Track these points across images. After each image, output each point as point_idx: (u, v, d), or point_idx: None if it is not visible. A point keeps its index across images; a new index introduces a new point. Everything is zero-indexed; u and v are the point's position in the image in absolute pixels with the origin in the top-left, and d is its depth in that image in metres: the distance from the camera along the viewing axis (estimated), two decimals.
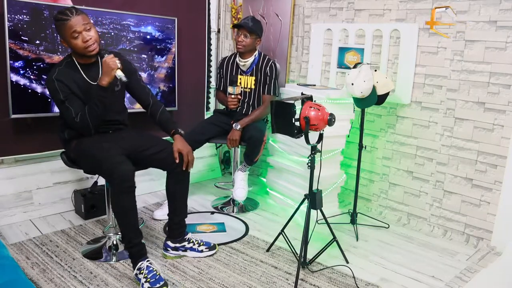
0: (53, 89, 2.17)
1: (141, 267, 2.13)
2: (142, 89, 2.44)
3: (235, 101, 3.09)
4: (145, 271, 2.11)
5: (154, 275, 2.09)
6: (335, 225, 2.83)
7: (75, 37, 2.12)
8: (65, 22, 2.10)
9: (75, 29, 2.10)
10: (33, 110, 2.69)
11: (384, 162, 3.19)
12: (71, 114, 2.17)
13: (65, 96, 2.17)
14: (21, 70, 2.59)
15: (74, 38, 2.12)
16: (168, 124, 2.41)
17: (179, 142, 2.32)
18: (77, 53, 2.20)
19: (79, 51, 2.17)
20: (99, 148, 2.19)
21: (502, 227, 2.64)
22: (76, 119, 2.17)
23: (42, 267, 2.27)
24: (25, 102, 2.64)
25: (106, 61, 2.13)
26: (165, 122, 2.41)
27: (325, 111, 2.18)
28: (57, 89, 2.15)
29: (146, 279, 2.08)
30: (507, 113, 2.58)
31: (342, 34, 3.27)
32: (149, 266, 2.13)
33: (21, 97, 2.62)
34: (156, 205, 3.19)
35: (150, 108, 2.43)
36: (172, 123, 2.41)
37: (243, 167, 3.15)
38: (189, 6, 3.49)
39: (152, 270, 2.12)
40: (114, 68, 2.12)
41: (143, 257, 2.18)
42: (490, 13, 2.57)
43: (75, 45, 2.14)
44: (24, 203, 2.86)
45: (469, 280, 2.33)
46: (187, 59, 3.51)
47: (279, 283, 2.23)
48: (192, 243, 2.45)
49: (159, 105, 2.44)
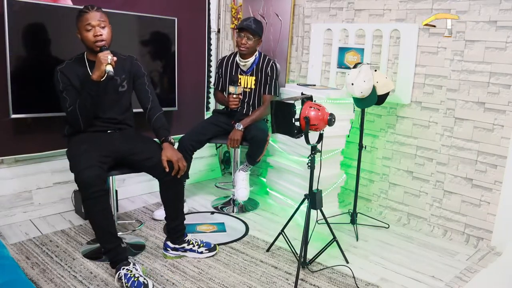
0: (55, 79, 2.27)
1: (120, 276, 2.10)
2: (144, 92, 2.45)
3: (236, 101, 3.07)
4: (124, 280, 2.08)
5: (133, 282, 2.05)
6: (335, 225, 2.83)
7: (88, 30, 2.22)
8: (83, 14, 2.22)
9: (90, 22, 2.21)
10: (33, 110, 2.69)
11: (384, 162, 3.19)
12: (66, 104, 2.26)
13: (63, 87, 2.25)
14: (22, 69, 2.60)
15: (87, 31, 2.22)
16: (160, 131, 2.37)
17: (168, 150, 2.27)
18: (88, 48, 2.28)
19: (89, 44, 2.24)
20: (77, 149, 2.22)
21: (502, 227, 2.64)
22: (68, 109, 2.25)
23: (42, 267, 2.27)
24: (25, 103, 2.65)
25: (98, 56, 2.18)
26: (157, 129, 2.39)
27: (325, 111, 2.18)
28: (58, 80, 2.26)
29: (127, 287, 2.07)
30: (507, 113, 2.58)
31: (342, 34, 3.27)
32: (127, 273, 2.10)
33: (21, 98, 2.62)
34: (156, 205, 3.19)
35: (148, 112, 2.44)
36: (163, 131, 2.37)
37: (245, 167, 3.14)
38: (189, 6, 3.49)
39: (130, 277, 2.07)
40: (104, 63, 2.16)
41: (120, 263, 2.15)
42: (490, 13, 2.57)
43: (86, 37, 2.23)
44: (24, 203, 2.86)
45: (469, 280, 2.33)
46: (187, 59, 3.50)
47: (279, 283, 2.23)
48: (192, 245, 2.44)
49: (157, 110, 2.44)
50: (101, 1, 2.90)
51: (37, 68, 2.64)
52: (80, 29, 2.24)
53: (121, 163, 2.35)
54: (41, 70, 2.66)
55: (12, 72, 2.55)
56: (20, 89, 2.59)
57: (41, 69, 2.65)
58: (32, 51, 2.62)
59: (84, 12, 2.23)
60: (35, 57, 2.64)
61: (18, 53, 2.57)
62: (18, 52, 2.56)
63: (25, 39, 2.58)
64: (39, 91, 2.66)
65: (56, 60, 2.66)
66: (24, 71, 2.61)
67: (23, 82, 2.61)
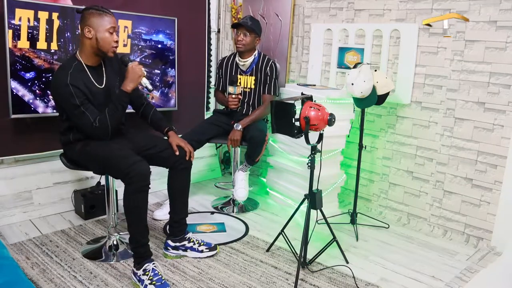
0: (68, 93, 2.10)
1: (147, 269, 2.12)
2: (135, 91, 2.44)
3: (235, 101, 3.08)
4: (150, 273, 2.10)
5: (159, 279, 2.09)
6: (335, 225, 2.83)
7: (111, 33, 2.15)
8: (106, 15, 2.14)
9: (114, 26, 2.16)
10: (33, 110, 2.68)
11: (384, 162, 3.19)
12: (88, 118, 2.14)
13: (80, 101, 2.12)
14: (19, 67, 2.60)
15: (110, 33, 2.15)
16: (162, 122, 2.47)
17: (175, 137, 2.41)
18: (98, 48, 2.16)
19: (104, 46, 2.15)
20: (110, 148, 2.20)
21: (502, 227, 2.64)
22: (95, 123, 2.14)
23: (42, 267, 2.27)
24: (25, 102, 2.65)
25: (133, 68, 2.17)
26: (158, 121, 2.47)
27: (325, 111, 2.18)
28: (73, 94, 2.10)
29: (151, 281, 2.07)
30: (507, 113, 2.58)
31: (342, 34, 3.27)
32: (155, 269, 2.13)
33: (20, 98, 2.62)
34: (156, 205, 3.19)
35: (142, 110, 2.48)
36: (165, 121, 2.48)
37: (244, 167, 3.15)
38: (189, 6, 3.49)
39: (158, 273, 2.11)
40: (142, 75, 2.18)
41: (149, 258, 2.18)
42: (490, 13, 2.57)
43: (105, 39, 2.14)
44: (24, 203, 2.86)
45: (469, 280, 2.33)
46: (187, 59, 3.50)
47: (279, 283, 2.23)
48: (193, 243, 2.45)
49: (151, 107, 2.51)
50: (102, 1, 2.90)
51: (37, 68, 2.64)
52: (98, 28, 2.12)
53: None
54: (41, 69, 2.66)
55: (12, 72, 2.55)
56: (19, 89, 2.59)
57: (41, 68, 2.65)
58: (32, 51, 2.62)
59: (106, 13, 2.15)
60: (35, 57, 2.63)
61: (18, 53, 2.57)
62: (18, 51, 2.56)
63: (25, 39, 2.58)
64: (39, 91, 2.66)
65: (56, 60, 2.66)
66: (24, 71, 2.60)
67: (23, 82, 2.61)
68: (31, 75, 2.64)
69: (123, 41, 3.04)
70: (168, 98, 3.35)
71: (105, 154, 2.18)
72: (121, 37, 3.01)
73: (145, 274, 2.10)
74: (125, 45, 3.06)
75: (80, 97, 2.12)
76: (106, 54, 2.19)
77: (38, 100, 2.69)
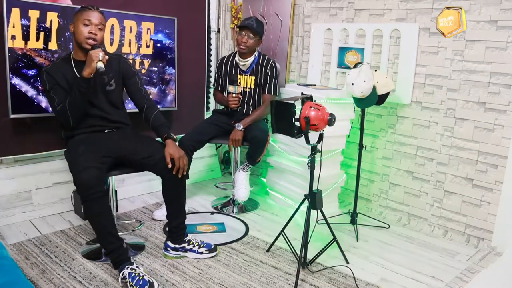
0: (42, 80, 2.29)
1: (124, 276, 2.10)
2: (138, 92, 2.45)
3: (236, 101, 3.07)
4: (128, 279, 2.08)
5: (138, 281, 2.05)
6: (335, 225, 2.83)
7: (85, 25, 2.22)
8: (86, 10, 2.24)
9: (90, 19, 2.22)
10: (33, 110, 2.68)
11: (384, 162, 3.19)
12: (54, 103, 2.26)
13: (50, 86, 2.26)
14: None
15: (84, 25, 2.22)
16: (161, 129, 2.38)
17: (171, 147, 2.27)
18: (77, 44, 2.26)
19: (80, 39, 2.23)
20: (75, 151, 2.21)
21: (502, 227, 2.64)
22: (58, 107, 2.25)
23: (41, 267, 2.26)
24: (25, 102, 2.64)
25: (90, 53, 2.18)
26: (158, 127, 2.39)
27: (325, 111, 2.18)
28: (45, 80, 2.26)
29: (132, 287, 2.06)
30: (508, 113, 2.57)
31: (342, 34, 3.26)
32: (131, 272, 2.09)
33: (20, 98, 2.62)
34: (156, 205, 3.18)
35: (145, 111, 2.44)
36: (164, 128, 2.38)
37: (245, 167, 3.14)
38: (189, 6, 3.48)
39: (135, 276, 2.07)
40: (95, 60, 2.16)
41: (123, 263, 2.14)
42: (491, 13, 2.56)
43: (80, 32, 2.22)
44: (23, 203, 2.86)
45: (470, 280, 2.33)
46: (187, 59, 3.50)
47: (279, 284, 2.22)
48: (192, 245, 2.44)
49: (154, 109, 2.44)
50: (101, 1, 2.90)
51: (36, 68, 2.64)
52: (77, 22, 2.23)
53: (121, 163, 2.34)
54: (41, 69, 2.65)
55: (11, 72, 2.54)
56: (19, 88, 2.59)
57: (40, 68, 2.65)
58: (32, 51, 2.61)
59: (87, 9, 2.24)
60: (35, 57, 2.63)
61: (18, 53, 2.56)
62: (18, 51, 2.56)
63: (25, 39, 2.57)
64: (39, 91, 2.66)
65: (57, 59, 2.65)
66: (24, 70, 2.60)
67: (23, 82, 2.60)
68: (33, 73, 2.63)
69: (128, 41, 3.03)
70: (168, 98, 3.34)
71: (69, 155, 2.25)
72: (126, 37, 3.01)
73: (126, 282, 2.09)
74: None
75: (51, 83, 2.25)
76: (81, 45, 2.24)
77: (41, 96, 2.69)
